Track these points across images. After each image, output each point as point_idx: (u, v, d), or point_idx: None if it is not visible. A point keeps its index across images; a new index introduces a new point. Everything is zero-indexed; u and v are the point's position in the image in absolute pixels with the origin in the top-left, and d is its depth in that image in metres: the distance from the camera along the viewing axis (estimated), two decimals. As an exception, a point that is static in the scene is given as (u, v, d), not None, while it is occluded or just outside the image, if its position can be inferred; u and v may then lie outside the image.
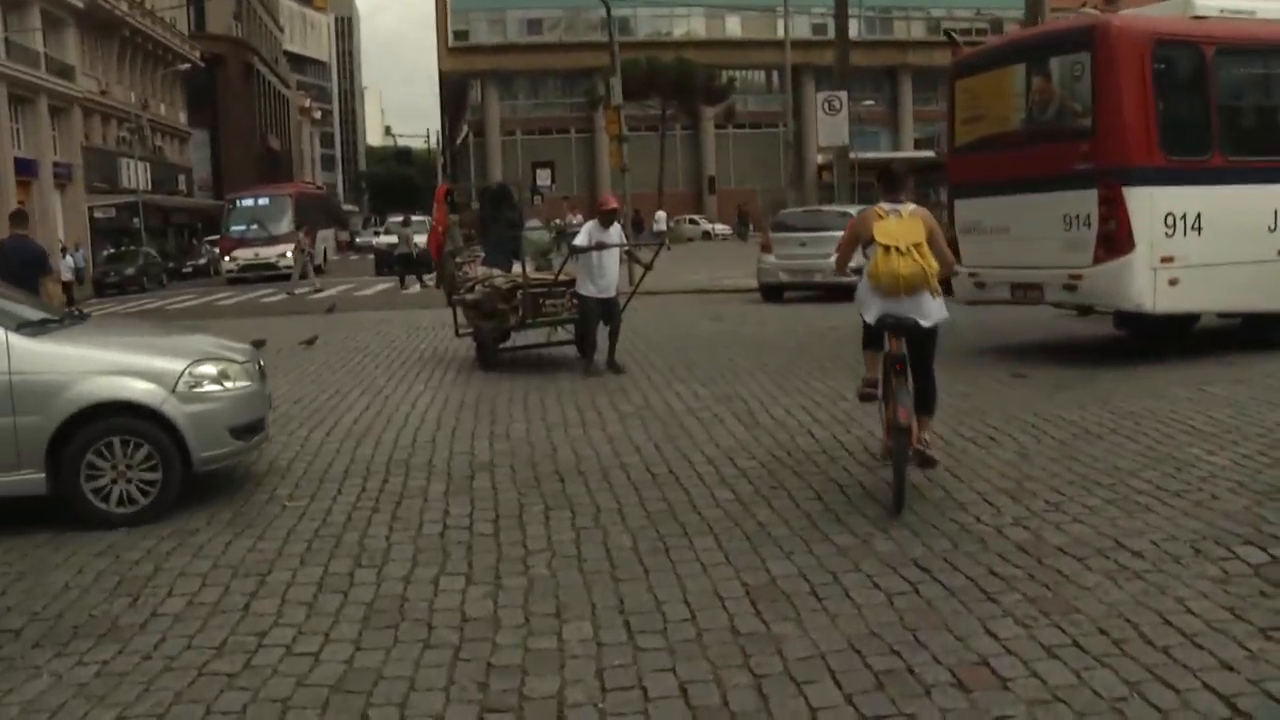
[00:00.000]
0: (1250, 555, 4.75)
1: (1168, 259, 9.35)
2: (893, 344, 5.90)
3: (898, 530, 5.34)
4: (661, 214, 48.91)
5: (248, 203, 39.48)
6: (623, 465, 6.94)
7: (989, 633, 4.09)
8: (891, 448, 5.78)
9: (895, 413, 5.66)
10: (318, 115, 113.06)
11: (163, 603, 4.82)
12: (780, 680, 3.79)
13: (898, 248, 5.73)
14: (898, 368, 5.84)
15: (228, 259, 37.03)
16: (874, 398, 6.35)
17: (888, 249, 5.76)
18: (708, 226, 56.72)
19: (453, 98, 77.14)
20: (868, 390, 6.42)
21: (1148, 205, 9.32)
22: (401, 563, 5.22)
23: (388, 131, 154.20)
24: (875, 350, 6.22)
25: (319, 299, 24.78)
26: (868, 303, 6.03)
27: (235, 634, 4.44)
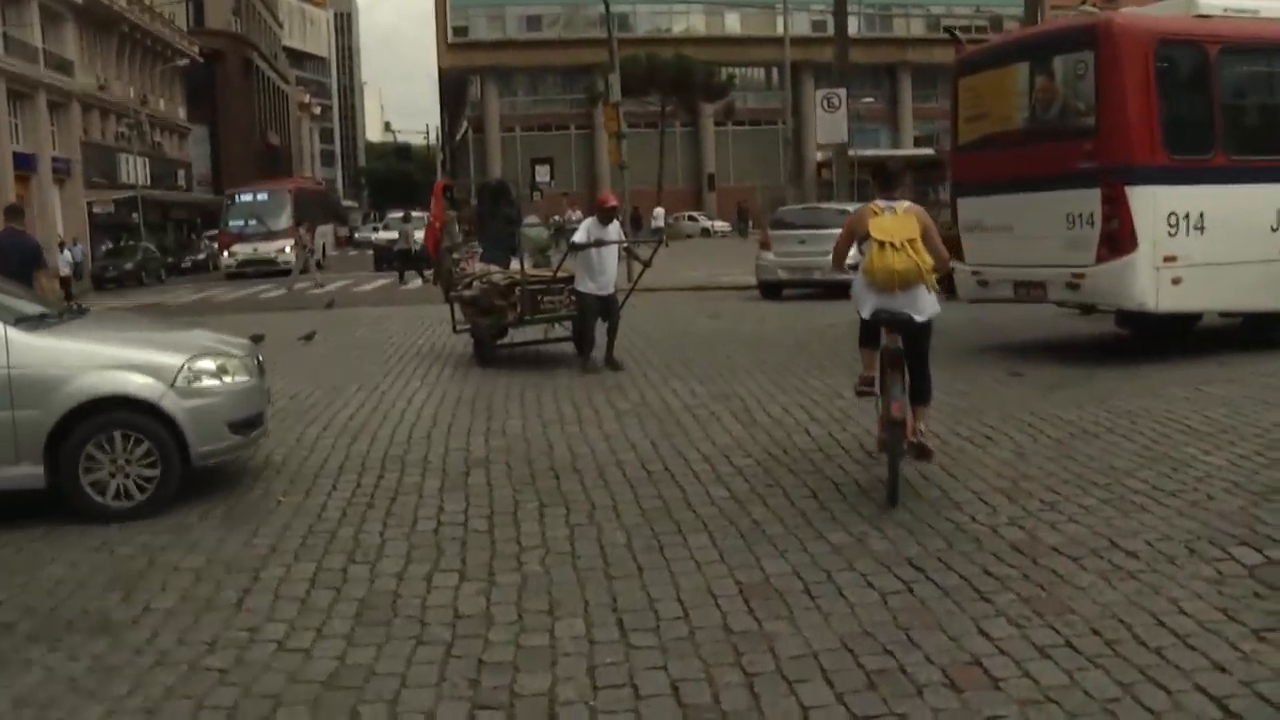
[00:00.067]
0: (1245, 556, 4.75)
1: (1170, 258, 9.35)
2: (889, 338, 5.98)
3: (892, 529, 5.34)
4: (660, 210, 48.88)
5: (246, 198, 39.60)
6: (618, 462, 6.94)
7: (982, 632, 4.09)
8: (886, 441, 5.89)
9: (890, 406, 5.79)
10: (317, 111, 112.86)
11: (155, 598, 4.82)
12: (772, 679, 3.78)
13: (892, 243, 5.81)
14: (894, 362, 5.92)
15: (226, 254, 37.15)
16: (871, 394, 6.41)
17: (882, 244, 5.83)
18: (707, 223, 56.62)
19: (452, 94, 77.06)
20: (864, 388, 6.50)
21: (1150, 204, 9.32)
22: (395, 559, 5.22)
23: (387, 127, 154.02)
24: (871, 348, 6.31)
25: (318, 294, 24.76)
26: (863, 298, 6.12)
27: (228, 629, 4.44)
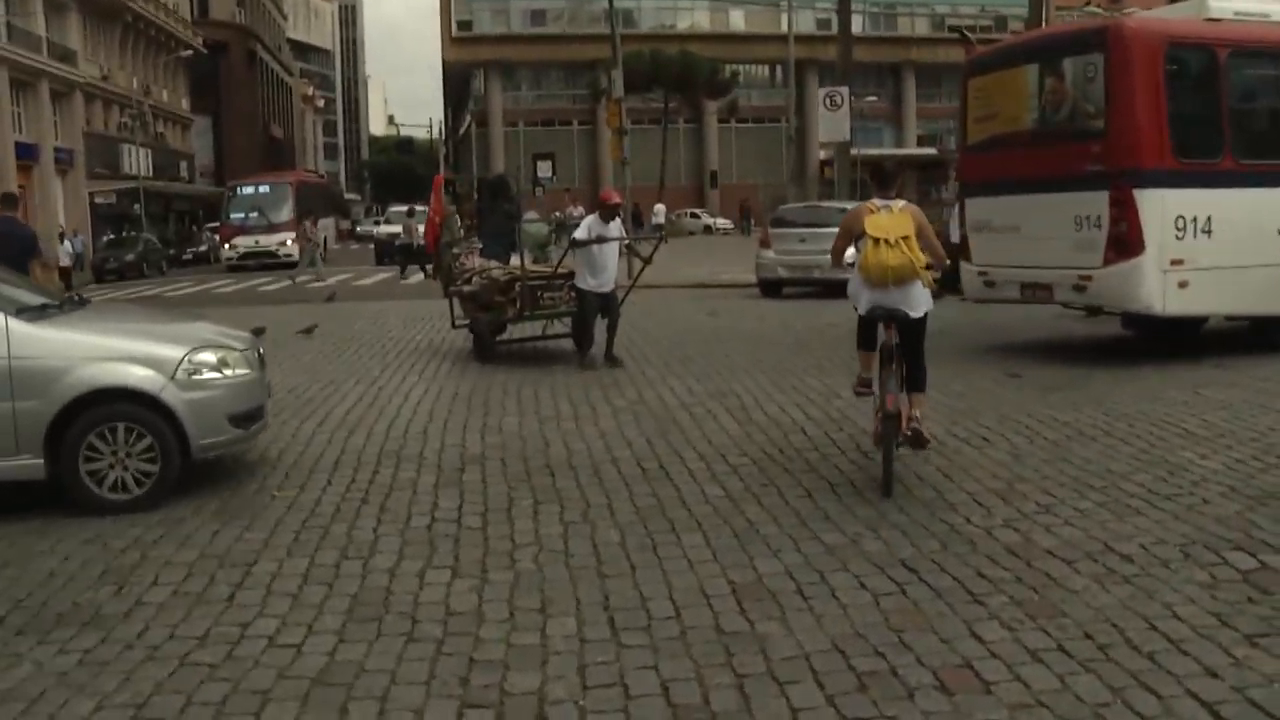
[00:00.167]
0: (1240, 561, 4.73)
1: (1178, 261, 9.34)
2: (885, 333, 6.12)
3: (887, 530, 5.33)
4: (660, 207, 48.81)
5: (248, 190, 39.51)
6: (614, 460, 6.93)
7: (974, 635, 4.07)
8: (881, 433, 6.06)
9: (885, 399, 5.99)
10: (321, 104, 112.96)
11: (147, 591, 4.81)
12: (762, 680, 3.77)
13: (886, 240, 5.94)
14: (889, 356, 6.06)
15: (228, 246, 37.07)
16: (869, 394, 6.56)
17: (877, 241, 5.97)
18: (709, 221, 56.57)
19: (455, 88, 77.02)
20: (862, 389, 6.65)
21: (1159, 207, 9.31)
22: (388, 555, 5.21)
23: (391, 121, 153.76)
24: (869, 350, 6.45)
25: (319, 288, 24.75)
26: (859, 294, 6.25)
27: (218, 624, 4.43)
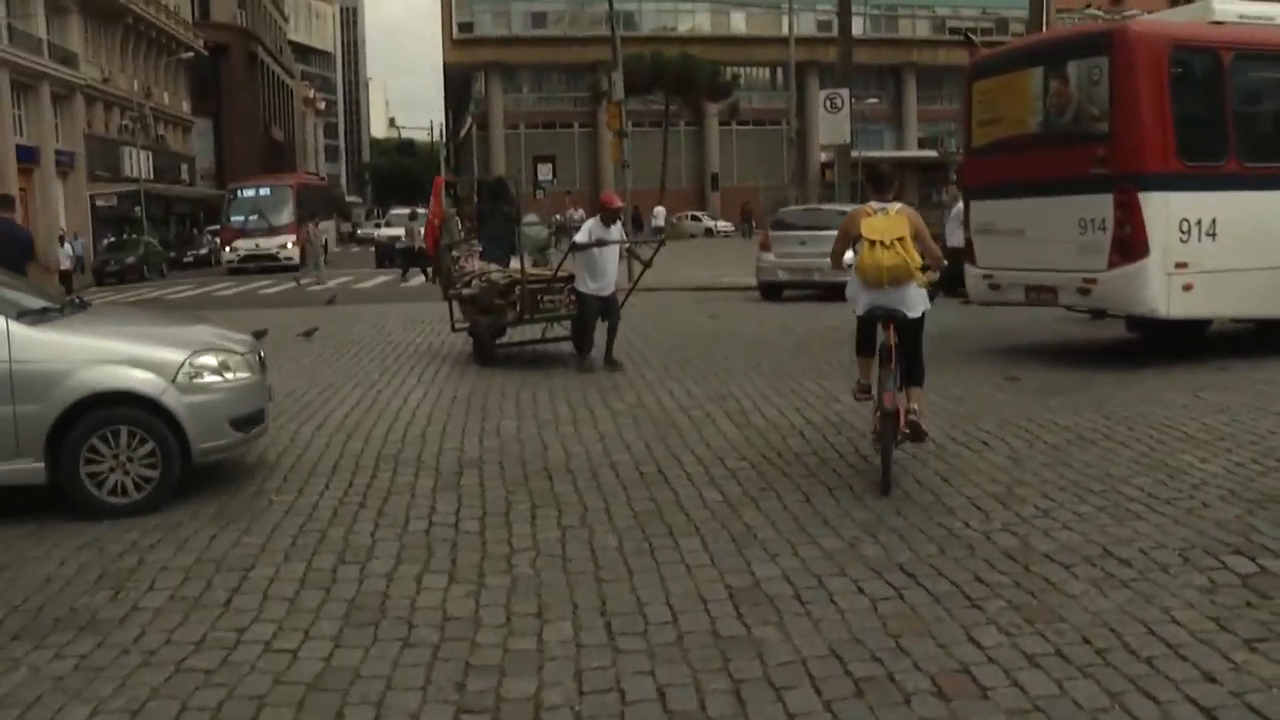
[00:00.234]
0: (1239, 565, 4.72)
1: (1182, 264, 9.34)
2: (886, 334, 6.21)
3: (885, 534, 5.32)
4: (660, 210, 48.82)
5: (249, 193, 39.54)
6: (612, 464, 6.92)
7: (972, 640, 4.06)
8: (880, 431, 6.16)
9: (883, 398, 6.12)
10: (322, 106, 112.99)
11: (144, 596, 4.80)
12: (759, 685, 3.76)
13: (881, 242, 6.07)
14: (887, 355, 6.16)
15: (228, 249, 37.14)
16: (868, 399, 6.65)
17: (873, 244, 6.11)
18: (710, 223, 56.44)
19: (456, 90, 77.06)
20: (862, 394, 6.77)
21: (1163, 210, 9.30)
22: (385, 559, 5.20)
23: (392, 123, 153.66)
24: (868, 356, 6.55)
25: (319, 291, 24.76)
26: (857, 296, 6.39)
27: (215, 629, 4.41)
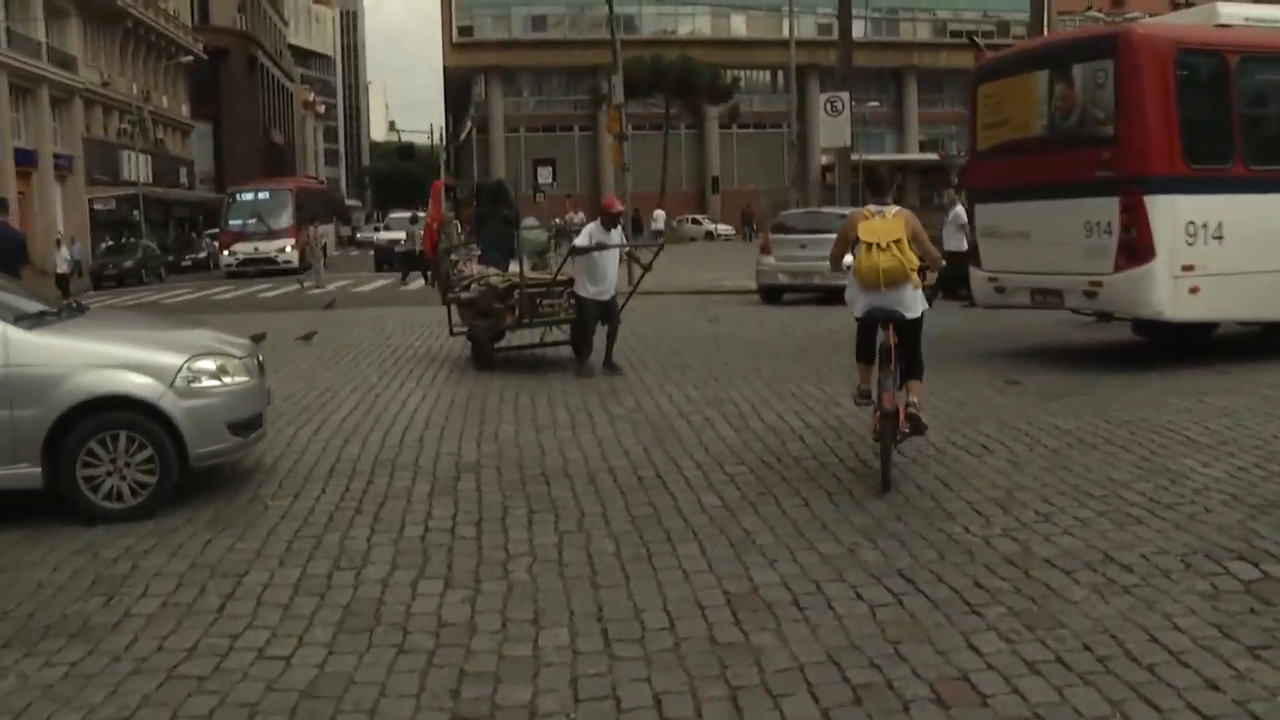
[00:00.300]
0: (1242, 571, 4.68)
1: (1188, 267, 9.31)
2: (886, 334, 6.25)
3: (884, 539, 5.27)
4: (660, 213, 48.77)
5: (247, 196, 39.35)
6: (610, 469, 6.88)
7: (971, 647, 4.02)
8: (879, 430, 6.21)
9: (882, 398, 6.18)
10: (321, 109, 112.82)
11: (137, 603, 4.76)
12: (756, 693, 3.72)
13: (878, 244, 6.16)
14: (887, 355, 6.21)
15: (227, 253, 37.00)
16: (868, 404, 6.69)
17: (869, 246, 6.19)
18: (710, 227, 56.27)
19: (456, 93, 77.06)
20: (862, 400, 6.82)
21: (1169, 213, 9.27)
22: (381, 565, 5.16)
23: (392, 126, 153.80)
24: (867, 362, 6.61)
25: (318, 294, 24.73)
26: (855, 298, 6.45)
27: (208, 636, 4.38)
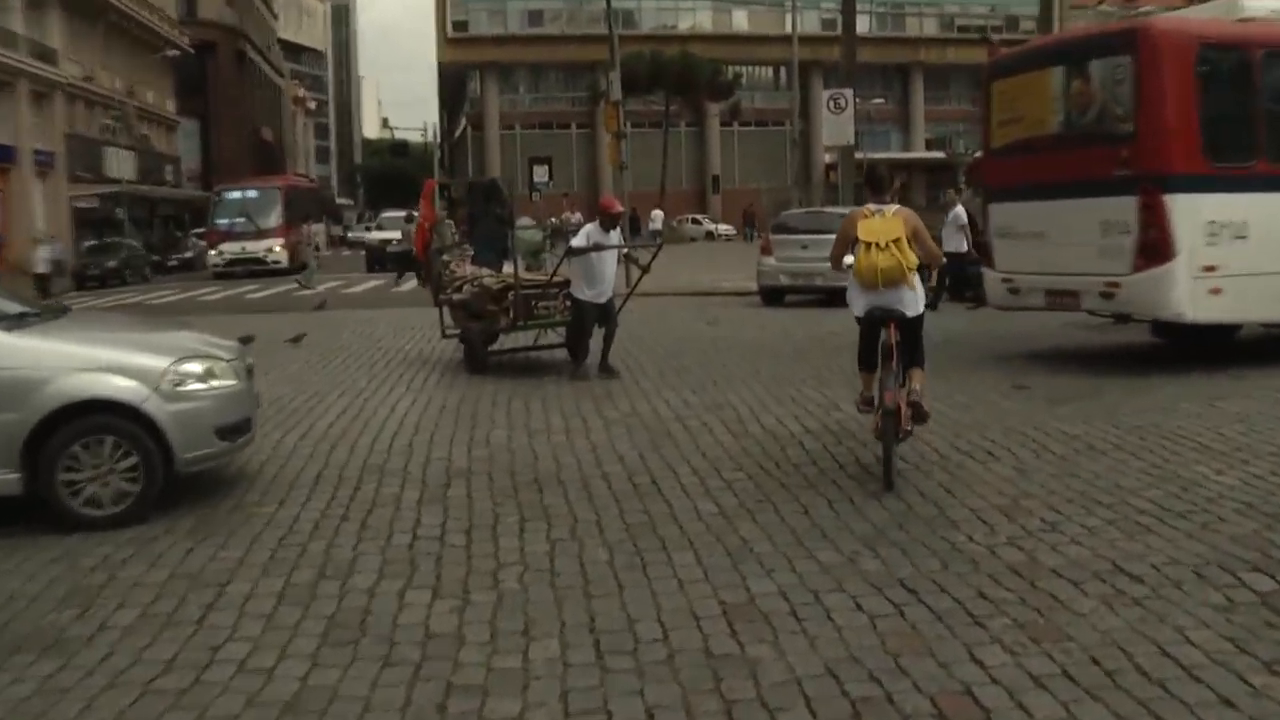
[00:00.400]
0: (1257, 582, 4.53)
1: (1209, 268, 9.10)
2: (887, 332, 6.28)
3: (885, 548, 5.13)
4: (658, 213, 48.56)
5: (235, 195, 38.18)
6: (604, 475, 6.73)
7: (975, 660, 3.89)
8: (881, 428, 6.20)
9: (884, 396, 6.19)
10: (312, 106, 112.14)
11: (113, 614, 4.61)
12: (752, 706, 3.60)
13: (877, 244, 6.16)
14: (888, 353, 6.23)
15: (214, 252, 36.11)
16: (870, 411, 6.65)
17: (869, 245, 6.20)
18: (711, 226, 55.71)
19: (451, 90, 76.64)
20: (865, 407, 6.79)
21: (1190, 213, 9.06)
22: (367, 574, 5.02)
23: (385, 123, 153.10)
24: (869, 372, 6.59)
25: (308, 295, 24.54)
26: (855, 298, 6.47)
27: (187, 648, 4.24)
